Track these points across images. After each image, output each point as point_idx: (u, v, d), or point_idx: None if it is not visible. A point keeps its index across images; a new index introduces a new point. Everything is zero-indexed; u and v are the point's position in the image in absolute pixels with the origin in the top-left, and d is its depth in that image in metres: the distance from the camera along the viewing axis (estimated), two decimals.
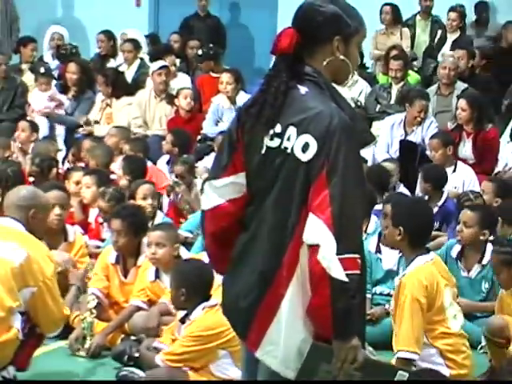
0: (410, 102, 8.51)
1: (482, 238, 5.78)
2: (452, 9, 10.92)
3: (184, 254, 5.44)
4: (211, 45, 10.46)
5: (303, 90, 2.85)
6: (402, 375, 2.89)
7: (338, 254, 2.69)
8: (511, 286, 4.99)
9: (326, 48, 2.89)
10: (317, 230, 2.71)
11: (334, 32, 2.88)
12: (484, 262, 5.81)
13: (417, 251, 4.50)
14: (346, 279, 2.69)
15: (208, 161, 8.23)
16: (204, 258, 5.10)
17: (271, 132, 2.86)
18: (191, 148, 8.55)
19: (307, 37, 2.88)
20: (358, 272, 2.72)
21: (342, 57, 2.90)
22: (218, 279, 3.68)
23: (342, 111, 2.81)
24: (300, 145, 2.79)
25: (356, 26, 2.93)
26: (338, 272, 2.68)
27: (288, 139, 2.82)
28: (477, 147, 8.17)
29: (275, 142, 2.85)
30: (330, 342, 2.76)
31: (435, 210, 7.08)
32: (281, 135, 2.83)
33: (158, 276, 5.33)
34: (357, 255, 2.72)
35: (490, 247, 5.77)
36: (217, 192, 2.97)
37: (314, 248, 2.72)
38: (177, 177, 7.51)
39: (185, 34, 11.36)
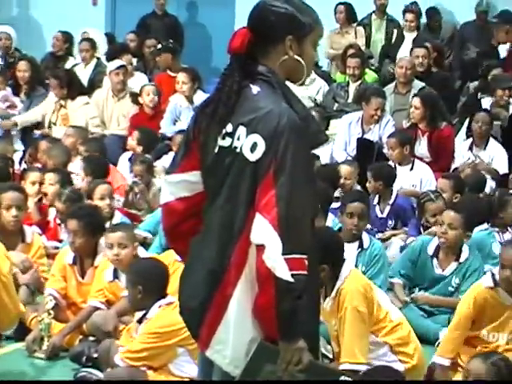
0: (367, 101, 8.59)
1: (465, 239, 5.83)
2: (407, 9, 11.02)
3: (142, 253, 5.43)
4: (170, 40, 10.51)
5: (255, 89, 2.85)
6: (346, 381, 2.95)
7: (283, 254, 2.67)
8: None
9: (279, 47, 2.88)
10: (262, 230, 2.70)
11: (287, 31, 2.87)
12: (461, 259, 5.83)
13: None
14: (292, 279, 2.67)
15: (166, 160, 8.23)
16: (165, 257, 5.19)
17: (223, 131, 2.86)
18: (155, 147, 8.57)
19: (260, 36, 2.88)
20: (305, 272, 2.70)
21: (295, 56, 2.89)
22: None
23: (293, 111, 2.81)
24: (249, 145, 2.78)
25: (310, 25, 2.91)
26: (283, 272, 2.67)
27: (238, 139, 2.82)
28: (432, 145, 8.26)
29: (227, 142, 2.85)
30: (277, 343, 2.76)
31: (387, 208, 7.21)
32: (232, 135, 2.84)
33: (116, 276, 5.32)
34: (304, 256, 2.71)
35: (466, 246, 5.85)
36: (170, 188, 3.00)
37: (260, 248, 2.71)
38: (135, 176, 7.51)
39: (142, 33, 11.35)
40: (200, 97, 8.85)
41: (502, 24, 10.79)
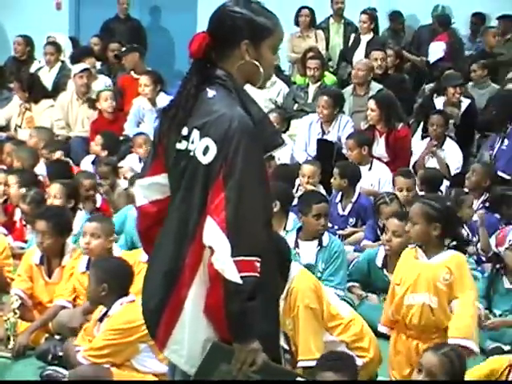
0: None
1: (410, 245, 5.93)
2: (363, 11, 11.19)
3: (116, 251, 5.49)
4: (134, 44, 10.59)
5: (211, 93, 2.87)
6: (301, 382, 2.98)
7: (233, 256, 2.69)
8: (420, 240, 4.67)
9: (236, 51, 2.90)
10: (212, 233, 2.72)
11: (243, 36, 2.89)
12: None
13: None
14: (240, 281, 2.68)
15: (129, 161, 8.33)
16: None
17: (180, 135, 2.89)
18: (119, 150, 8.64)
19: (218, 41, 2.90)
20: (255, 274, 2.70)
21: (251, 61, 2.91)
22: None
23: (246, 115, 2.82)
24: (201, 148, 2.80)
25: (268, 29, 2.92)
26: (231, 274, 2.69)
27: (192, 142, 2.84)
28: (389, 146, 8.36)
29: (183, 145, 2.88)
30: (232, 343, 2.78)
31: (349, 206, 7.30)
32: (187, 138, 2.86)
33: (88, 267, 5.32)
34: (254, 258, 2.71)
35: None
36: (143, 192, 3.04)
37: (211, 250, 2.74)
38: (100, 178, 7.57)
39: (106, 37, 11.39)
40: (163, 99, 8.90)
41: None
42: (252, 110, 2.89)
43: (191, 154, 2.85)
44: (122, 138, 9.12)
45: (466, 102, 9.09)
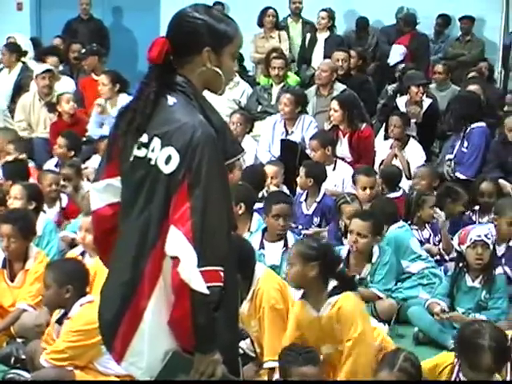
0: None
1: (375, 244, 5.92)
2: (323, 9, 11.27)
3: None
4: (94, 44, 10.56)
5: (171, 100, 2.83)
6: None
7: (199, 267, 2.66)
8: (297, 281, 4.46)
9: (197, 58, 2.86)
10: (177, 243, 2.69)
11: (204, 43, 2.85)
12: (373, 260, 5.96)
13: None
14: (207, 292, 2.67)
15: (92, 162, 8.29)
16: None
17: (139, 141, 2.84)
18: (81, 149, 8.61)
19: (178, 47, 2.86)
20: (220, 284, 2.70)
21: (213, 68, 2.88)
22: None
23: (207, 123, 2.79)
24: (163, 157, 2.76)
25: (229, 36, 2.90)
26: (198, 284, 2.66)
27: (152, 150, 2.80)
28: (353, 146, 8.39)
29: (142, 152, 2.84)
30: (193, 354, 2.76)
31: (314, 205, 7.33)
32: (147, 146, 2.82)
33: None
34: (219, 268, 2.70)
35: (376, 247, 5.96)
36: (99, 195, 2.99)
37: (175, 260, 2.70)
38: (64, 180, 7.54)
39: (68, 38, 11.35)
40: (124, 100, 8.88)
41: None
42: (212, 118, 2.86)
43: (151, 162, 2.81)
44: (84, 139, 9.08)
45: (427, 102, 9.18)
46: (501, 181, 7.65)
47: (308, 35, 11.28)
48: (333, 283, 4.35)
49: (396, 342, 5.62)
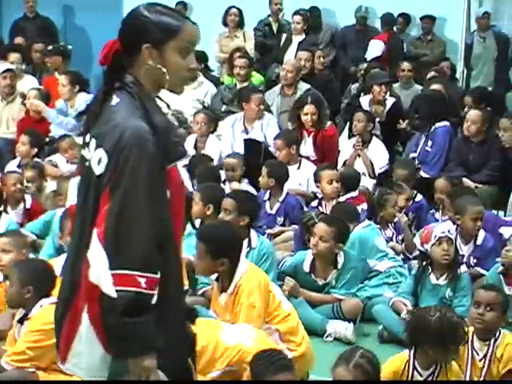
0: (246, 99, 8.71)
1: (336, 251, 5.94)
2: (296, 12, 11.27)
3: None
4: (61, 43, 10.51)
5: (115, 100, 2.80)
6: None
7: (110, 269, 2.63)
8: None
9: (140, 57, 2.82)
10: (91, 245, 2.67)
11: (143, 40, 2.80)
12: (339, 266, 5.98)
13: None
14: (115, 295, 2.62)
15: (56, 161, 8.24)
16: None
17: (84, 141, 2.85)
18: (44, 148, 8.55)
19: (124, 46, 2.83)
20: (132, 289, 2.62)
21: (154, 64, 2.81)
22: None
23: (142, 125, 2.73)
24: (96, 159, 2.74)
25: (172, 31, 2.81)
26: (106, 287, 2.63)
27: (89, 151, 2.80)
28: (317, 145, 8.42)
29: (85, 152, 2.84)
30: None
31: (277, 205, 7.34)
32: (88, 146, 2.82)
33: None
34: (135, 272, 2.63)
35: (341, 253, 5.97)
36: (75, 191, 2.98)
37: (87, 262, 2.68)
38: (27, 181, 7.49)
39: (15, 36, 11.32)
40: (82, 98, 8.83)
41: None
42: (156, 119, 2.79)
43: (87, 163, 2.80)
44: (47, 139, 9.02)
45: (391, 101, 9.23)
46: (465, 180, 7.72)
47: (284, 36, 11.30)
48: None
49: (361, 341, 5.69)
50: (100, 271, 2.65)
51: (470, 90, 9.91)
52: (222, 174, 7.75)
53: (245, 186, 7.70)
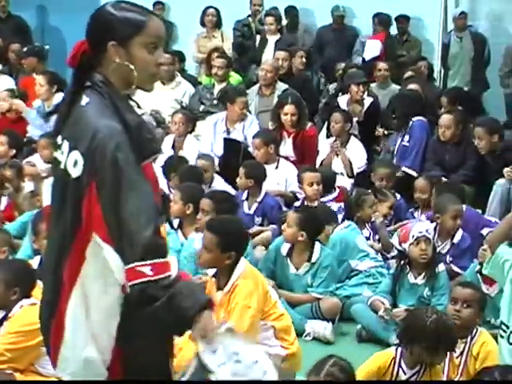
0: (231, 101, 8.69)
1: (300, 238, 5.99)
2: (267, 13, 11.28)
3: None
4: (37, 44, 10.46)
5: (85, 100, 2.77)
6: None
7: (125, 265, 2.59)
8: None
9: (107, 55, 2.77)
10: (104, 251, 2.63)
11: (108, 37, 2.76)
12: (313, 260, 6.02)
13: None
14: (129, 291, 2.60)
15: (34, 161, 8.20)
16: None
17: (56, 143, 2.82)
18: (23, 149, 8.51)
19: (91, 45, 2.80)
20: (138, 281, 2.57)
21: (121, 62, 2.77)
22: None
23: (114, 124, 2.70)
24: (71, 161, 2.71)
25: (136, 26, 2.76)
26: (126, 286, 2.61)
27: (62, 153, 2.76)
28: (297, 145, 8.42)
29: (58, 154, 2.81)
30: None
31: (255, 205, 7.34)
32: (60, 148, 2.79)
33: None
34: (136, 263, 2.58)
35: (318, 246, 6.02)
36: (49, 192, 2.94)
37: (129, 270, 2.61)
38: (5, 181, 7.45)
39: None
40: (59, 98, 8.80)
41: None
42: (127, 117, 2.75)
43: (62, 166, 2.76)
44: (25, 139, 8.97)
45: (369, 100, 9.25)
46: (443, 179, 7.75)
47: (258, 36, 11.32)
48: None
49: (339, 340, 5.71)
50: (120, 270, 2.62)
51: (446, 90, 9.94)
52: None
53: (224, 185, 7.68)
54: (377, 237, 6.94)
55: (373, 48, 10.93)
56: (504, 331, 4.14)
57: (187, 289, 2.63)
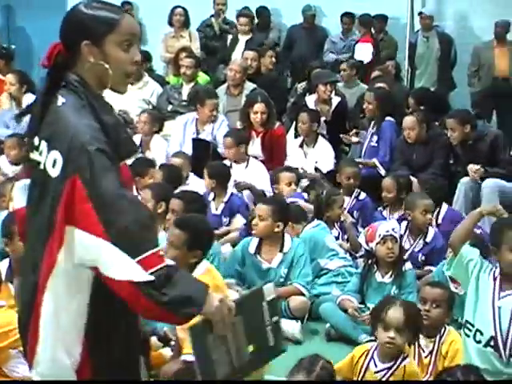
0: (201, 102, 8.68)
1: (276, 229, 5.98)
2: (240, 14, 11.27)
3: None
4: (4, 45, 10.38)
5: (61, 100, 2.76)
6: None
7: (134, 258, 2.58)
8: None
9: (81, 54, 2.77)
10: (102, 248, 2.61)
11: (81, 37, 2.75)
12: (285, 250, 6.02)
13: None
14: (152, 277, 2.59)
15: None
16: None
17: (32, 143, 2.80)
18: None
19: (65, 45, 2.79)
20: (162, 265, 2.61)
21: (95, 61, 2.77)
22: None
23: (92, 123, 2.70)
24: (51, 161, 2.69)
25: (108, 24, 2.76)
26: (140, 276, 2.59)
27: (41, 154, 2.75)
28: (265, 145, 8.44)
29: (35, 155, 2.79)
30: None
31: (221, 206, 7.34)
32: (37, 148, 2.77)
33: None
34: (151, 251, 2.61)
35: (288, 237, 6.03)
36: (20, 195, 2.93)
37: (95, 270, 2.63)
38: None
39: None
40: (29, 99, 8.73)
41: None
42: (104, 117, 2.76)
43: (41, 166, 2.75)
44: None
45: (336, 100, 9.28)
46: (412, 178, 7.81)
47: (229, 36, 11.31)
48: None
49: (308, 339, 5.72)
50: (124, 266, 2.59)
51: (413, 91, 10.00)
52: None
53: (200, 183, 7.64)
54: (345, 237, 6.97)
55: (366, 53, 10.95)
56: (469, 330, 4.18)
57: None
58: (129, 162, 3.03)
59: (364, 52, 10.93)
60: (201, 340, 2.78)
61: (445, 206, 7.13)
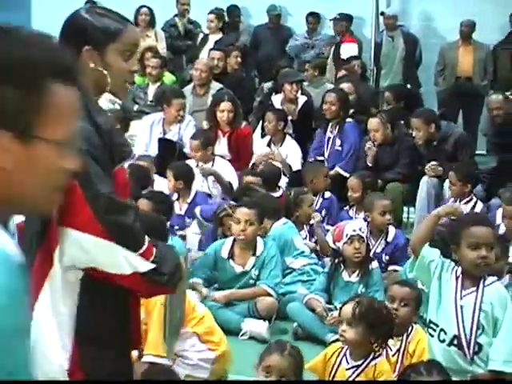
0: (168, 102, 8.64)
1: (259, 232, 6.02)
2: (210, 11, 11.28)
3: None
4: None
5: None
6: None
7: (136, 252, 2.68)
8: None
9: (81, 60, 2.77)
10: (105, 249, 2.65)
11: (83, 43, 2.78)
12: (258, 253, 6.04)
13: None
14: (154, 265, 2.71)
15: None
16: None
17: None
18: None
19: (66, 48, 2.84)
20: (155, 249, 2.74)
21: (95, 67, 2.78)
22: None
23: (87, 126, 2.68)
24: None
25: (112, 33, 2.79)
26: (144, 266, 2.69)
27: None
28: (232, 145, 8.42)
29: None
30: None
31: (185, 206, 7.31)
32: None
33: None
34: (147, 241, 2.72)
35: (260, 240, 6.03)
36: None
37: (91, 272, 2.67)
38: None
39: None
40: None
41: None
42: (99, 120, 2.75)
43: None
44: None
45: (302, 99, 9.28)
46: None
47: (201, 35, 11.28)
48: None
49: (276, 338, 5.70)
50: (128, 260, 2.67)
51: (389, 86, 10.09)
52: None
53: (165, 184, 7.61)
54: (313, 240, 6.95)
55: (351, 51, 10.96)
56: (433, 329, 4.18)
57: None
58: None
59: (350, 51, 10.97)
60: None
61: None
